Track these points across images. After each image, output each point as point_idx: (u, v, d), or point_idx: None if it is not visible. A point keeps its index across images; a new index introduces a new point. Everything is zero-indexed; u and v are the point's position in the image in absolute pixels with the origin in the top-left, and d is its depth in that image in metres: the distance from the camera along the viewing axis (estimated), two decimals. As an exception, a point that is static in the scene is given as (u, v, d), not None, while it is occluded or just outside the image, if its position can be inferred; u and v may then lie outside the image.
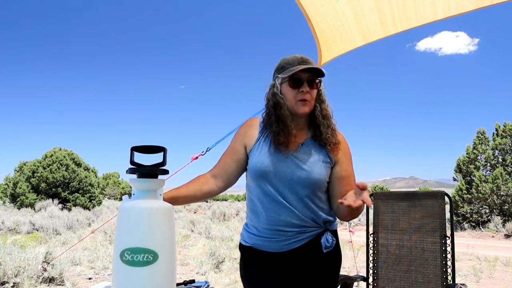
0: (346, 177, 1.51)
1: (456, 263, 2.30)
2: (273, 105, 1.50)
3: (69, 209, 15.20)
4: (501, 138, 13.92)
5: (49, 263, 5.06)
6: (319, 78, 1.50)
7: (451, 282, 2.17)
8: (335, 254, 1.52)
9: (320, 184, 1.47)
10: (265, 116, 1.54)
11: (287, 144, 1.46)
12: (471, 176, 14.03)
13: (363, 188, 1.28)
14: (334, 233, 1.54)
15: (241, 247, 1.58)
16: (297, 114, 1.49)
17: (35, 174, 17.45)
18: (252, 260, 1.53)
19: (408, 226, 2.36)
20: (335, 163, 1.52)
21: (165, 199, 1.28)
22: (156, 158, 1.14)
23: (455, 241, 2.25)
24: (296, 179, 1.44)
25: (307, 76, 1.47)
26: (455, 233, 3.60)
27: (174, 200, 1.38)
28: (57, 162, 17.68)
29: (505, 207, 13.12)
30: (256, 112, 1.69)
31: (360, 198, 1.28)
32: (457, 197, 13.93)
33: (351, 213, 1.43)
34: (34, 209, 15.67)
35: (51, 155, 17.91)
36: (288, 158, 1.47)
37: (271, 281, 1.48)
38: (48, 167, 17.54)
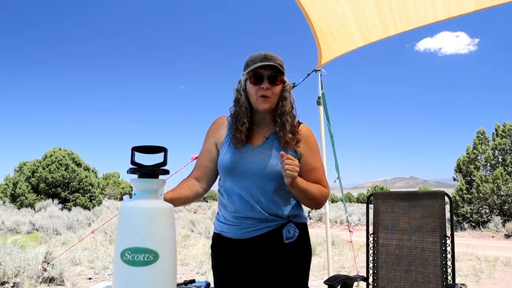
0: (311, 170, 1.54)
1: (456, 263, 2.30)
2: (234, 101, 1.58)
3: (69, 209, 15.20)
4: (501, 138, 13.92)
5: (49, 263, 5.06)
6: (282, 76, 1.53)
7: (451, 282, 2.17)
8: (300, 246, 1.53)
9: None
10: (231, 111, 1.61)
11: (242, 141, 1.51)
12: (471, 176, 14.04)
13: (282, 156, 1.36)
14: (301, 226, 1.55)
15: (213, 236, 1.64)
16: (258, 110, 1.54)
17: (35, 174, 17.44)
18: (219, 247, 1.58)
19: (408, 226, 2.36)
20: (301, 156, 1.55)
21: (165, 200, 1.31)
22: (156, 158, 1.14)
23: (455, 241, 2.25)
24: (261, 173, 1.48)
25: (268, 73, 1.51)
26: (455, 233, 3.60)
27: (173, 201, 1.40)
28: (57, 162, 17.68)
29: (505, 207, 13.13)
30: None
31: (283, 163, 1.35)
32: (457, 197, 13.94)
33: (300, 196, 1.46)
34: (34, 209, 15.67)
35: (51, 155, 17.91)
36: (254, 153, 1.52)
37: (235, 268, 1.52)
38: (48, 167, 17.53)
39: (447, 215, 2.45)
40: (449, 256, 2.21)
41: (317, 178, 1.53)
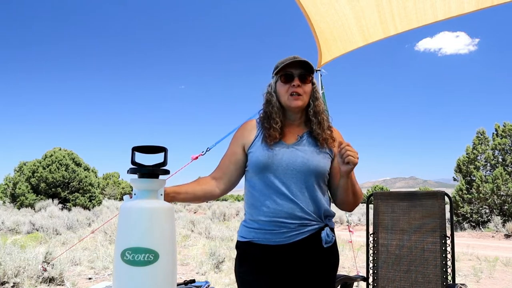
0: None
1: (456, 263, 2.30)
2: (265, 102, 1.60)
3: (69, 209, 15.20)
4: (501, 138, 13.93)
5: (49, 263, 5.06)
6: (311, 74, 1.56)
7: (451, 282, 2.17)
8: (334, 251, 1.54)
9: (322, 172, 1.50)
10: (261, 113, 1.62)
11: (275, 138, 1.51)
12: (471, 176, 14.04)
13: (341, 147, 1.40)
14: (333, 231, 1.56)
15: (238, 244, 1.57)
16: (290, 108, 1.56)
17: (35, 174, 17.45)
18: (249, 256, 1.52)
19: (408, 226, 2.36)
20: (334, 156, 1.56)
21: (166, 192, 1.31)
22: (157, 158, 1.14)
23: (455, 241, 2.25)
24: (298, 168, 1.47)
25: (298, 72, 1.53)
26: (455, 233, 3.61)
27: (176, 194, 1.38)
28: (57, 162, 17.68)
29: (505, 207, 13.13)
30: (255, 113, 1.72)
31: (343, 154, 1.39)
32: (457, 197, 13.95)
33: (348, 194, 1.49)
34: (34, 209, 15.67)
35: (51, 155, 17.91)
36: (289, 149, 1.51)
37: (267, 278, 1.47)
38: (48, 167, 17.54)
39: (447, 215, 2.45)
40: (449, 256, 2.21)
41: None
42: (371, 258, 2.41)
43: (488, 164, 14.05)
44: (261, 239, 1.48)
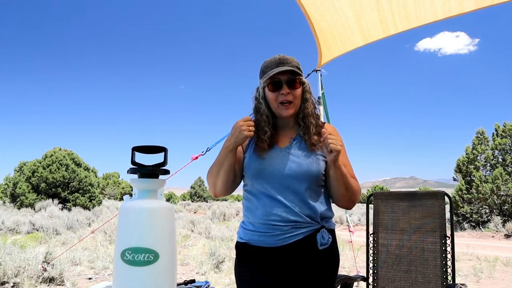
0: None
1: (456, 263, 2.30)
2: (254, 110, 1.57)
3: (69, 209, 15.21)
4: (500, 138, 13.93)
5: (49, 263, 5.06)
6: (300, 77, 1.50)
7: (451, 282, 2.17)
8: (332, 253, 1.51)
9: (316, 176, 1.47)
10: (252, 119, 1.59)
11: (265, 149, 1.49)
12: (471, 176, 14.05)
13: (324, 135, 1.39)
14: (332, 233, 1.53)
15: (237, 245, 1.58)
16: (281, 117, 1.53)
17: (35, 174, 17.46)
18: (246, 257, 1.53)
19: (408, 226, 2.36)
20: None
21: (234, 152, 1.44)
22: (157, 158, 1.14)
23: (455, 241, 2.25)
24: (291, 173, 1.45)
25: (286, 77, 1.48)
26: (455, 233, 3.61)
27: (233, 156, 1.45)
28: (57, 162, 17.69)
29: (505, 207, 13.13)
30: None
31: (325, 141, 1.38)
32: (457, 197, 13.95)
33: (341, 186, 1.44)
34: (34, 209, 15.68)
35: (51, 155, 17.92)
36: (281, 154, 1.49)
37: (265, 278, 1.47)
38: (48, 167, 17.54)
39: (447, 215, 2.45)
40: (449, 256, 2.21)
41: (349, 173, 1.49)
42: (371, 258, 2.41)
43: (488, 164, 14.05)
44: (256, 241, 1.49)
